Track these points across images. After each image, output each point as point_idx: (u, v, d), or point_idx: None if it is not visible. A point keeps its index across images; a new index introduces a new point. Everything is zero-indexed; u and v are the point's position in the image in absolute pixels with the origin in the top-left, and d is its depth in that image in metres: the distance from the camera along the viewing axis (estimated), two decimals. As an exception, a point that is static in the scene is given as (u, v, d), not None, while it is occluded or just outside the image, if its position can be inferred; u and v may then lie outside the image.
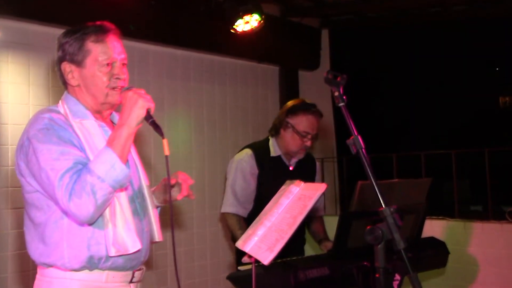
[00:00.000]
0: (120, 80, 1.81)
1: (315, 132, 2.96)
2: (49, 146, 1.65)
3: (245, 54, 4.96)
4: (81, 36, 1.80)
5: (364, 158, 1.56)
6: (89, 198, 1.58)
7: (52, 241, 1.72)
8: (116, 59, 1.81)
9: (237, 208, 2.93)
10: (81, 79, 1.82)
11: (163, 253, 4.31)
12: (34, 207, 1.75)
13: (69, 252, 1.70)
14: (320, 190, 2.09)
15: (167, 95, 4.53)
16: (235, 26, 3.99)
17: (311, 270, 2.24)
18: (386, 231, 1.47)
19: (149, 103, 1.70)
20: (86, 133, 1.75)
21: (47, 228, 1.73)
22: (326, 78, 1.60)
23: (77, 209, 1.59)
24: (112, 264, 1.75)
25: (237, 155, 3.05)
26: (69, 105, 1.82)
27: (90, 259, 1.72)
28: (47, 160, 1.63)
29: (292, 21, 5.39)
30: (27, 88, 3.68)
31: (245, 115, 5.13)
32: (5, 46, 3.58)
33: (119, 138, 1.66)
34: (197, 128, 4.75)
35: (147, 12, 4.12)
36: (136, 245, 1.73)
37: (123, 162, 1.65)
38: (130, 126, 1.68)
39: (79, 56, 1.79)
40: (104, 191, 1.60)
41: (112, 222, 1.70)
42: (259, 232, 2.15)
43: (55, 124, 1.71)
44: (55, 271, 1.73)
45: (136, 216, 1.83)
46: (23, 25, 3.63)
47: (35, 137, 1.68)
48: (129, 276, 1.83)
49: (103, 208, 1.65)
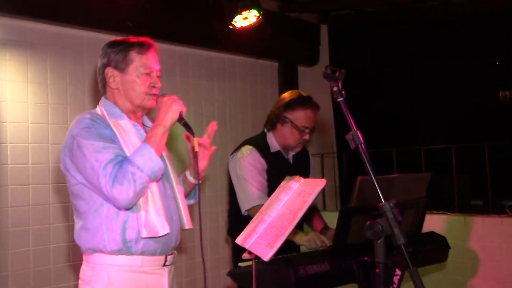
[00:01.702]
0: (156, 88, 2.11)
1: (312, 126, 2.94)
2: (92, 142, 1.91)
3: (244, 50, 4.94)
4: (126, 47, 2.10)
5: (363, 153, 1.55)
6: (129, 185, 1.84)
7: (93, 226, 1.98)
8: (154, 70, 2.11)
9: (265, 199, 2.72)
10: (121, 84, 2.10)
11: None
12: (78, 197, 2.01)
13: (108, 235, 1.96)
14: (320, 186, 2.09)
15: (165, 91, 4.50)
16: (233, 22, 3.97)
17: (311, 266, 2.25)
18: (385, 226, 1.47)
19: (182, 107, 2.01)
20: (121, 131, 2.01)
21: (89, 216, 2.00)
22: (325, 73, 1.59)
23: (119, 194, 1.84)
24: (144, 247, 2.00)
25: (239, 153, 2.95)
26: (106, 107, 2.09)
27: (124, 241, 1.97)
28: (91, 153, 1.88)
29: (291, 17, 5.38)
30: (26, 86, 3.67)
31: (244, 111, 5.13)
32: (3, 44, 3.57)
33: (155, 136, 1.95)
34: (196, 124, 4.71)
35: (145, 9, 4.10)
36: (165, 229, 1.97)
37: (158, 156, 1.92)
38: (165, 126, 1.97)
39: (123, 64, 2.08)
40: (143, 179, 1.87)
41: (144, 209, 1.95)
42: (259, 229, 2.16)
43: (95, 123, 1.97)
44: (98, 256, 1.99)
45: (166, 204, 2.08)
46: (22, 22, 3.62)
47: (79, 135, 1.93)
48: (162, 260, 2.07)
49: (140, 195, 1.91)
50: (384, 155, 4.65)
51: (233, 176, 2.95)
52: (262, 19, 4.02)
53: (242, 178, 2.88)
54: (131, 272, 2.00)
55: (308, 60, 5.69)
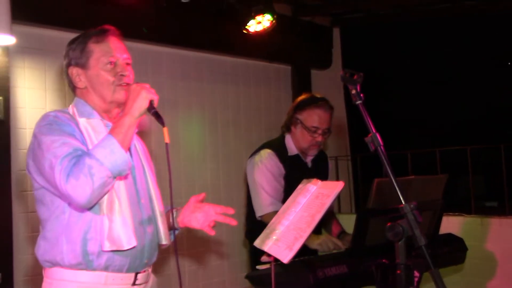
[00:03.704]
0: (125, 76, 1.88)
1: (325, 126, 2.89)
2: (52, 138, 1.71)
3: (257, 54, 4.97)
4: (83, 39, 1.90)
5: (383, 156, 1.57)
6: (86, 180, 1.61)
7: (52, 235, 1.78)
8: (118, 57, 1.89)
9: (277, 206, 2.79)
10: (88, 81, 1.89)
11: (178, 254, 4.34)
12: (40, 203, 1.83)
13: (66, 247, 1.75)
14: (338, 188, 2.10)
15: (181, 97, 4.55)
16: (247, 26, 4.00)
17: (330, 268, 2.25)
18: (406, 227, 1.48)
19: (152, 95, 1.78)
20: (90, 130, 1.82)
21: (48, 223, 1.80)
22: (343, 76, 1.61)
23: (74, 191, 1.62)
24: (107, 262, 1.77)
25: (257, 156, 2.95)
26: (77, 106, 1.89)
27: (85, 254, 1.75)
28: (50, 149, 1.68)
29: (303, 20, 5.40)
30: (44, 93, 3.73)
31: (259, 115, 5.15)
32: (21, 52, 3.63)
33: (121, 126, 1.72)
34: (211, 128, 4.78)
35: (159, 15, 4.15)
36: (131, 242, 1.75)
37: (124, 149, 1.69)
38: (132, 115, 1.74)
39: (82, 59, 1.88)
40: (102, 173, 1.63)
41: (108, 218, 1.74)
42: (277, 231, 2.17)
43: (58, 120, 1.78)
44: (56, 271, 1.78)
45: (138, 216, 1.86)
46: (39, 30, 3.68)
47: (40, 132, 1.75)
48: (131, 279, 1.84)
49: (101, 192, 1.67)
50: (399, 157, 4.64)
51: (250, 180, 2.97)
52: (275, 23, 4.04)
53: (258, 183, 2.89)
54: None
55: (321, 63, 5.70)
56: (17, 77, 3.62)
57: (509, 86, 5.58)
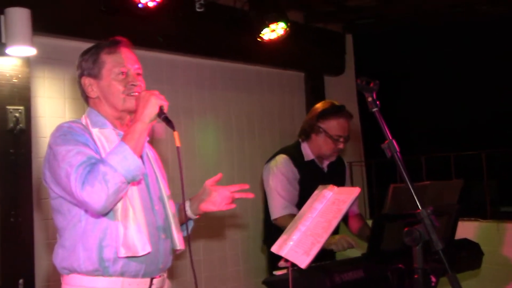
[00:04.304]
0: (136, 86, 1.93)
1: (347, 134, 2.99)
2: (67, 147, 1.76)
3: (270, 61, 5.01)
4: (96, 50, 1.97)
5: (399, 162, 1.60)
6: (101, 186, 1.65)
7: (69, 243, 1.83)
8: (130, 68, 1.94)
9: (291, 208, 2.91)
10: (100, 91, 1.95)
11: (195, 260, 4.39)
12: (57, 212, 1.88)
13: (83, 254, 1.80)
14: (354, 194, 2.14)
15: (196, 104, 4.62)
16: (261, 34, 4.04)
17: (347, 273, 2.27)
18: (423, 232, 1.51)
19: (162, 101, 1.82)
20: (103, 140, 1.87)
21: (66, 232, 1.85)
22: (359, 84, 1.65)
23: (89, 197, 1.66)
24: (123, 268, 1.82)
25: (273, 161, 3.04)
26: (90, 116, 1.95)
27: (101, 260, 1.80)
28: (65, 159, 1.73)
29: (316, 27, 5.43)
30: (63, 102, 3.81)
31: (272, 121, 5.19)
32: (42, 62, 3.71)
33: (132, 133, 1.76)
34: (226, 135, 4.83)
35: (174, 24, 4.21)
36: (145, 248, 1.80)
37: (136, 155, 1.73)
38: (143, 122, 1.78)
39: (95, 69, 1.94)
40: (116, 179, 1.67)
41: (123, 225, 1.79)
42: (294, 237, 2.20)
43: (72, 130, 1.84)
44: (74, 277, 1.83)
45: (152, 222, 1.90)
46: (58, 41, 3.75)
47: (55, 143, 1.80)
48: (147, 284, 1.89)
49: (115, 198, 1.71)
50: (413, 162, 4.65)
51: (265, 185, 3.04)
52: (289, 31, 4.08)
53: (272, 187, 2.98)
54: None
55: (334, 69, 5.73)
56: (38, 87, 3.71)
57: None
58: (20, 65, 3.51)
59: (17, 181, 3.41)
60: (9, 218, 3.36)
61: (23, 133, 3.47)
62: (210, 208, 2.10)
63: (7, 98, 3.43)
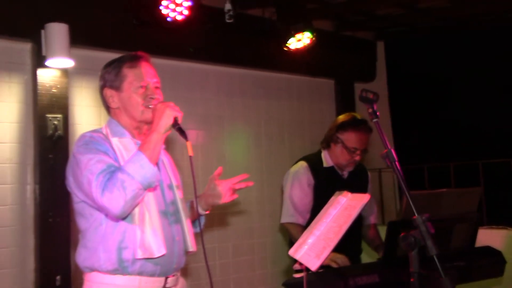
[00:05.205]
0: (154, 99, 2.04)
1: (363, 147, 3.06)
2: (89, 156, 1.89)
3: (300, 69, 5.10)
4: (118, 64, 2.09)
5: (397, 170, 1.67)
6: (119, 193, 1.78)
7: (91, 245, 1.97)
8: (149, 82, 2.06)
9: (297, 217, 3.05)
10: (120, 102, 2.07)
11: (224, 263, 4.52)
12: (80, 215, 2.01)
13: (103, 255, 1.94)
14: (364, 200, 2.21)
15: (226, 112, 4.76)
16: (288, 44, 4.14)
17: (361, 277, 2.33)
18: (418, 238, 1.57)
19: (176, 112, 1.92)
20: (122, 149, 1.99)
21: (88, 234, 1.99)
22: (361, 96, 1.73)
23: (109, 203, 1.79)
24: (141, 268, 1.95)
25: (293, 167, 3.20)
26: (110, 126, 2.07)
27: (120, 261, 1.93)
28: (87, 166, 1.86)
29: (346, 35, 5.48)
30: (99, 110, 4.02)
31: (302, 128, 5.26)
32: (79, 73, 3.94)
33: (148, 143, 1.88)
34: (256, 142, 4.94)
35: (204, 35, 4.37)
36: (161, 250, 1.92)
37: (152, 164, 1.85)
38: (159, 132, 1.89)
39: (117, 82, 2.06)
40: (133, 186, 1.80)
41: (140, 229, 1.91)
42: (309, 241, 2.28)
43: (93, 140, 1.96)
44: (95, 275, 1.97)
45: (167, 225, 2.02)
46: (94, 53, 3.96)
47: (78, 152, 1.93)
48: (162, 282, 2.01)
49: (133, 203, 1.84)
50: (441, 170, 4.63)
51: (284, 189, 3.18)
52: (316, 39, 4.16)
53: (287, 193, 3.12)
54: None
55: (365, 76, 5.76)
56: (75, 96, 3.94)
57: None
58: (59, 76, 3.75)
59: (55, 184, 3.63)
60: (47, 218, 3.60)
61: (61, 140, 3.70)
62: (216, 201, 2.21)
63: (46, 107, 3.68)
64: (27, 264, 3.63)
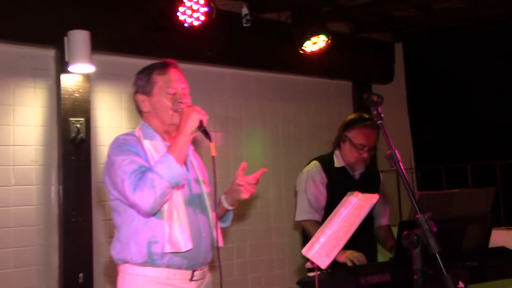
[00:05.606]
0: (182, 104, 2.16)
1: (371, 145, 3.11)
2: (122, 157, 2.04)
3: (317, 72, 5.13)
4: (148, 71, 2.23)
5: (401, 171, 1.72)
6: (149, 191, 1.92)
7: (124, 239, 2.11)
8: (178, 87, 2.19)
9: (313, 214, 3.09)
10: (151, 106, 2.21)
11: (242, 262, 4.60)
12: (115, 212, 2.17)
13: (135, 249, 2.08)
14: (373, 200, 2.26)
15: (244, 114, 4.83)
16: (303, 47, 4.19)
17: (373, 276, 2.35)
18: (421, 236, 1.61)
19: (201, 115, 2.05)
20: (152, 150, 2.13)
21: (121, 228, 2.14)
22: (366, 98, 1.79)
23: (140, 200, 1.94)
24: (169, 261, 2.08)
25: (306, 167, 3.26)
26: (142, 129, 2.22)
27: (150, 255, 2.06)
28: (120, 167, 2.01)
29: (363, 37, 5.50)
30: (120, 114, 4.15)
31: (319, 130, 5.30)
32: (101, 78, 4.06)
33: (176, 145, 2.02)
34: (273, 144, 5.00)
35: (222, 39, 4.45)
36: (187, 245, 2.04)
37: (179, 164, 1.99)
38: (185, 134, 2.03)
39: (148, 87, 2.20)
40: (162, 185, 1.94)
41: (168, 225, 2.05)
42: (321, 240, 2.34)
43: (126, 142, 2.11)
44: (127, 266, 2.11)
45: (194, 220, 2.14)
46: (115, 58, 4.09)
47: (112, 154, 2.09)
48: (189, 275, 2.13)
49: (162, 201, 1.98)
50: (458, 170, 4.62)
51: (297, 187, 3.24)
52: (331, 42, 4.20)
53: (301, 190, 3.18)
54: (158, 283, 2.07)
55: (383, 78, 5.77)
56: (97, 100, 4.07)
57: None
58: (81, 81, 3.88)
59: (78, 185, 3.77)
60: (71, 218, 3.73)
61: (84, 142, 3.83)
62: (239, 196, 2.28)
63: (69, 111, 3.81)
64: (52, 262, 3.77)
